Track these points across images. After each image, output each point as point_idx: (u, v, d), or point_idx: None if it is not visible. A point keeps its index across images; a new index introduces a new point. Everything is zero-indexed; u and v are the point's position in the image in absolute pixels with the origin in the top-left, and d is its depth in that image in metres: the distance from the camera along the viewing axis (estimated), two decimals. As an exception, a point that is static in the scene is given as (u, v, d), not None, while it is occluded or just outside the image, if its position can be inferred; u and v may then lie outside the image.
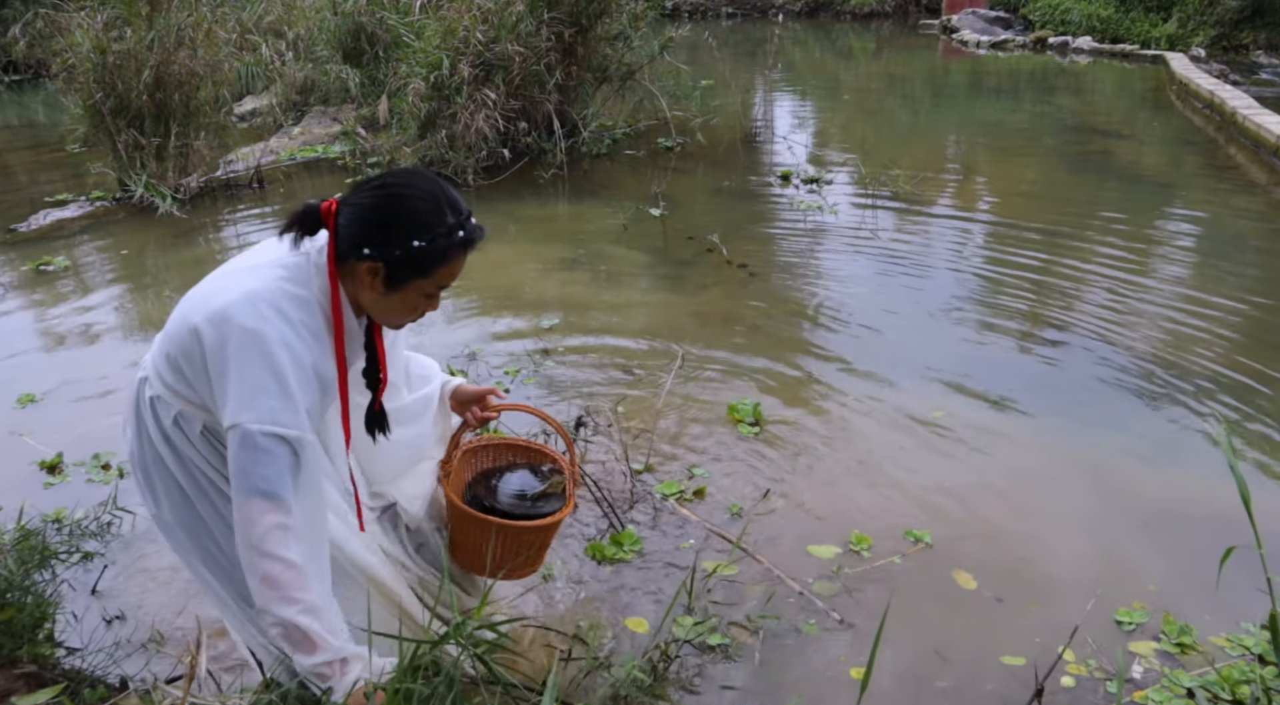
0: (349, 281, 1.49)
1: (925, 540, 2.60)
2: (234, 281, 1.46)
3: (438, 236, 1.45)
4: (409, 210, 1.44)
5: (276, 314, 1.41)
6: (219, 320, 1.41)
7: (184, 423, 1.56)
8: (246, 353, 1.39)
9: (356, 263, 1.46)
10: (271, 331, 1.40)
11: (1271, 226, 5.54)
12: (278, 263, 1.48)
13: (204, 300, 1.46)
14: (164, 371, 1.53)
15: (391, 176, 1.49)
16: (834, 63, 13.81)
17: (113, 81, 5.91)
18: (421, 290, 1.51)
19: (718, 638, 2.24)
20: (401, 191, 1.45)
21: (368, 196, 1.46)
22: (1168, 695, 2.05)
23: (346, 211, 1.46)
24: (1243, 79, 10.24)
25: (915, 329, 4.07)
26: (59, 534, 2.63)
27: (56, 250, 5.36)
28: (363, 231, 1.44)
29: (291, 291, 1.45)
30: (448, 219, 1.46)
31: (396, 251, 1.43)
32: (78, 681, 1.99)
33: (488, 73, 6.41)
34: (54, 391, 3.62)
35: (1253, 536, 2.52)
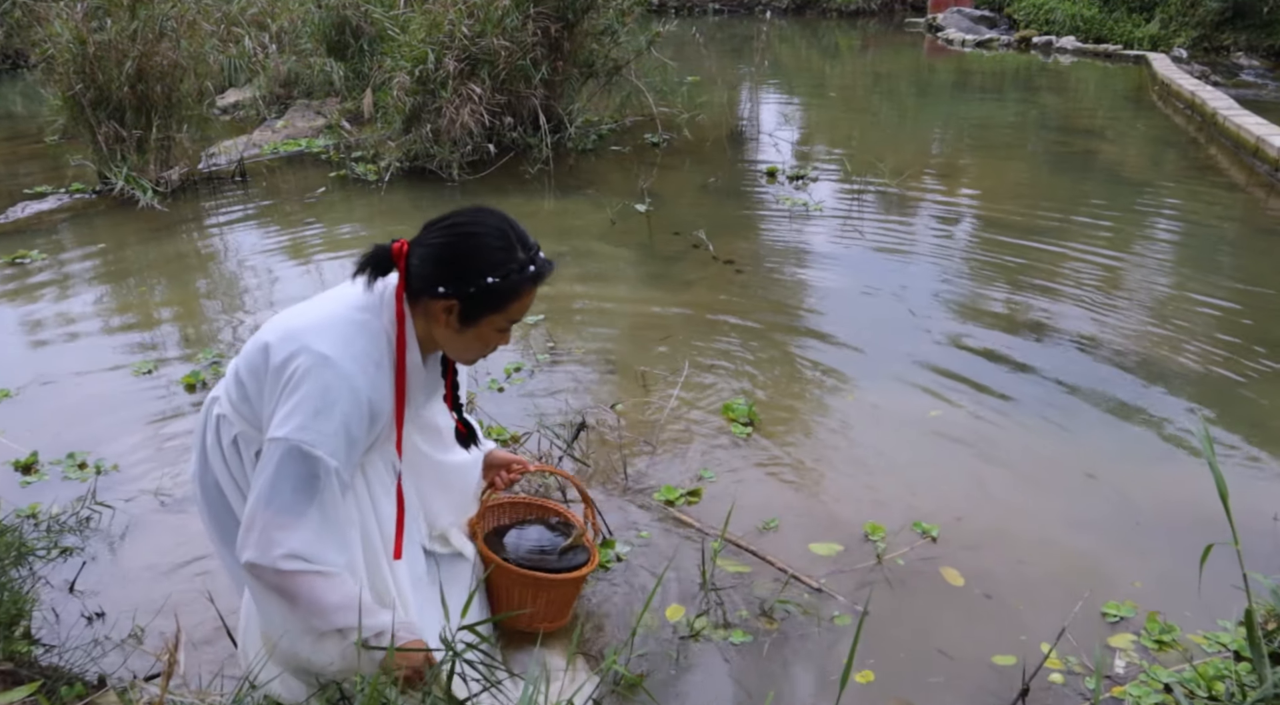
0: (421, 319, 1.56)
1: (932, 535, 2.61)
2: (312, 307, 1.58)
3: (510, 273, 1.50)
4: (481, 248, 1.49)
5: (343, 342, 1.49)
6: (288, 339, 1.50)
7: (242, 444, 1.64)
8: (304, 374, 1.46)
9: (431, 301, 1.52)
10: (335, 357, 1.47)
11: (1251, 226, 5.60)
12: (351, 296, 1.56)
13: (282, 322, 1.58)
14: (232, 390, 1.63)
15: (461, 215, 1.54)
16: (820, 60, 13.83)
17: (93, 73, 5.85)
18: (495, 325, 1.57)
19: (734, 635, 2.25)
20: (473, 230, 1.51)
21: (440, 236, 1.52)
22: (1146, 691, 2.07)
23: (419, 252, 1.51)
24: (1224, 80, 10.33)
25: (900, 327, 4.08)
26: (36, 530, 2.61)
27: (34, 243, 5.30)
28: (437, 271, 1.50)
29: (361, 320, 1.52)
30: (518, 255, 1.51)
31: (471, 289, 1.49)
32: (55, 679, 1.98)
33: (473, 67, 6.38)
34: (28, 387, 3.57)
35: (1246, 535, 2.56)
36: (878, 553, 2.56)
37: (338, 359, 1.46)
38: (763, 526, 2.65)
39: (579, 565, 2.04)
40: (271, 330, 1.56)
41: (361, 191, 6.32)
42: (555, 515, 2.24)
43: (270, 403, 1.50)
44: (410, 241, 1.54)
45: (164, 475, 2.97)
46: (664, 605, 2.35)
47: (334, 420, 1.45)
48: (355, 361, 1.48)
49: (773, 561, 2.51)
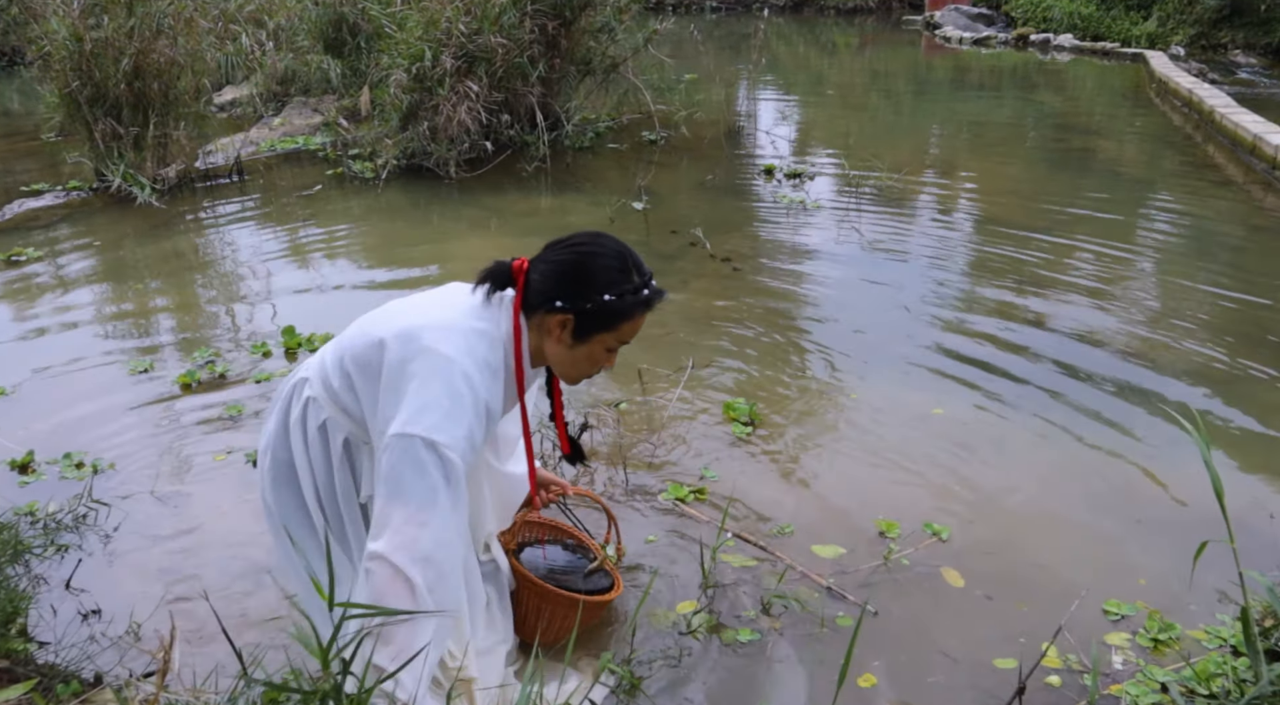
0: (534, 333, 1.62)
1: (941, 536, 2.60)
2: (427, 309, 1.60)
3: (625, 293, 1.57)
4: (600, 268, 1.57)
5: (464, 344, 1.52)
6: (408, 338, 1.52)
7: (330, 430, 1.68)
8: (429, 373, 1.48)
9: (547, 315, 1.58)
10: (456, 358, 1.50)
11: (1248, 223, 5.60)
12: (468, 305, 1.60)
13: (393, 318, 1.59)
14: (331, 377, 1.64)
15: (582, 237, 1.62)
16: (817, 58, 13.83)
17: (90, 70, 5.84)
18: (604, 344, 1.62)
19: (741, 633, 2.25)
20: (593, 250, 1.58)
21: (562, 254, 1.59)
22: (1143, 690, 2.07)
23: (540, 268, 1.59)
24: (1221, 78, 10.34)
25: (898, 324, 4.08)
26: (33, 528, 2.60)
27: (30, 240, 5.29)
28: (557, 286, 1.57)
29: (479, 327, 1.56)
30: (634, 278, 1.58)
31: (588, 305, 1.55)
32: (51, 677, 1.97)
33: (470, 64, 6.37)
34: (24, 385, 3.57)
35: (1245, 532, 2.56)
36: (884, 553, 2.56)
37: (462, 362, 1.50)
38: (777, 532, 2.63)
39: (603, 588, 2.12)
40: (386, 326, 1.57)
41: (358, 189, 6.31)
42: (570, 538, 2.31)
43: (386, 398, 1.51)
44: (531, 260, 1.61)
45: (161, 474, 2.96)
46: (674, 603, 2.34)
47: (463, 423, 1.49)
48: (476, 366, 1.52)
49: (781, 556, 2.51)
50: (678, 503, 2.76)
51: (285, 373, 3.64)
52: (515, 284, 1.60)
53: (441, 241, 5.32)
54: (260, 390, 3.50)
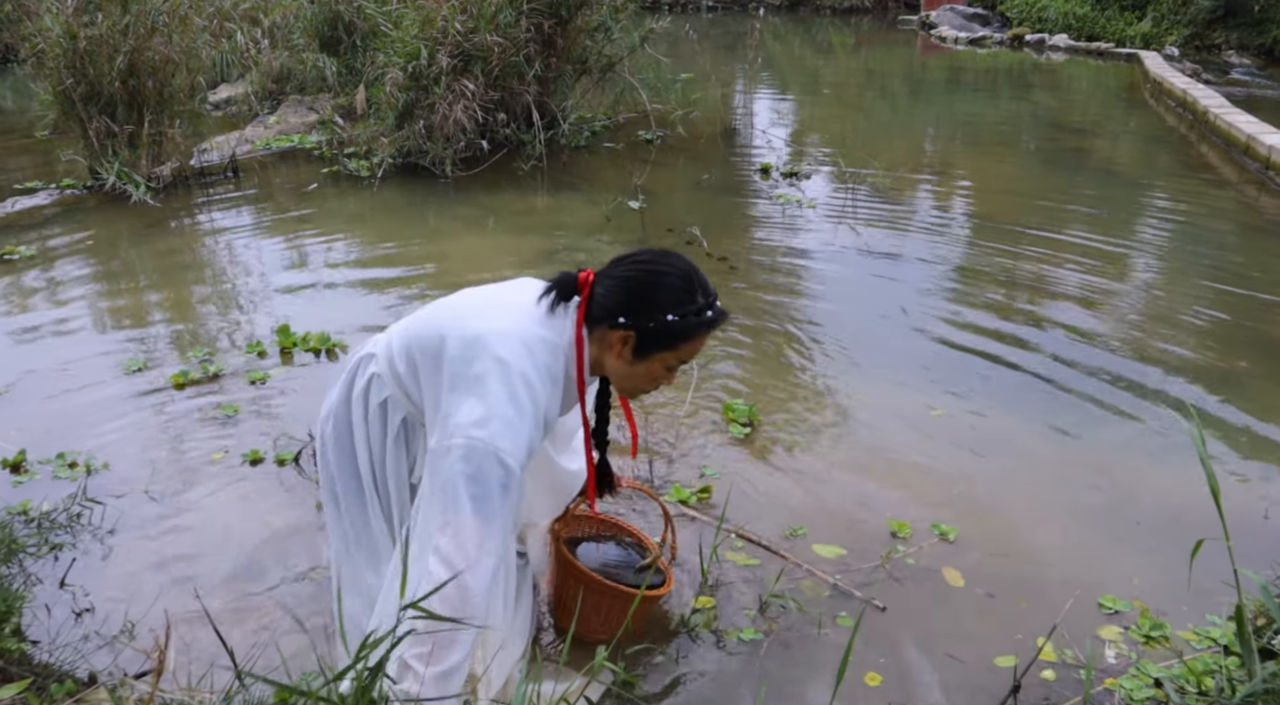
0: (595, 345, 1.63)
1: (949, 537, 2.60)
2: (493, 311, 1.60)
3: (689, 314, 1.58)
4: (666, 287, 1.58)
5: (526, 352, 1.52)
6: (472, 340, 1.53)
7: (390, 408, 1.70)
8: (493, 379, 1.49)
9: (609, 330, 1.60)
10: (518, 366, 1.50)
11: (1242, 223, 5.62)
12: (532, 311, 1.60)
13: (459, 315, 1.60)
14: (396, 359, 1.67)
15: (649, 254, 1.64)
16: (813, 57, 13.84)
17: (84, 67, 5.82)
18: (664, 362, 1.62)
19: (744, 632, 2.25)
20: (660, 269, 1.60)
21: (628, 270, 1.61)
22: (1138, 685, 2.08)
23: (605, 283, 1.60)
24: (1215, 78, 10.36)
25: (895, 325, 4.09)
26: (26, 527, 2.60)
27: (23, 239, 5.28)
28: (621, 302, 1.58)
29: (543, 335, 1.57)
30: (698, 299, 1.59)
31: (650, 323, 1.56)
32: (45, 676, 1.97)
33: (466, 63, 6.37)
34: (16, 385, 3.55)
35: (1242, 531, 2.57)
36: (885, 553, 2.56)
37: (524, 369, 1.51)
38: (789, 533, 2.63)
39: (654, 585, 2.12)
40: (454, 323, 1.58)
41: (354, 187, 6.30)
42: (629, 535, 2.30)
43: (449, 397, 1.52)
44: (597, 273, 1.62)
45: (155, 473, 2.95)
46: (674, 601, 2.34)
47: (523, 431, 1.50)
48: (537, 374, 1.53)
49: (786, 556, 2.51)
50: (685, 504, 2.76)
51: (281, 372, 3.64)
52: (580, 294, 1.61)
53: (437, 240, 5.32)
54: (255, 390, 3.50)
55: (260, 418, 3.30)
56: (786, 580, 2.43)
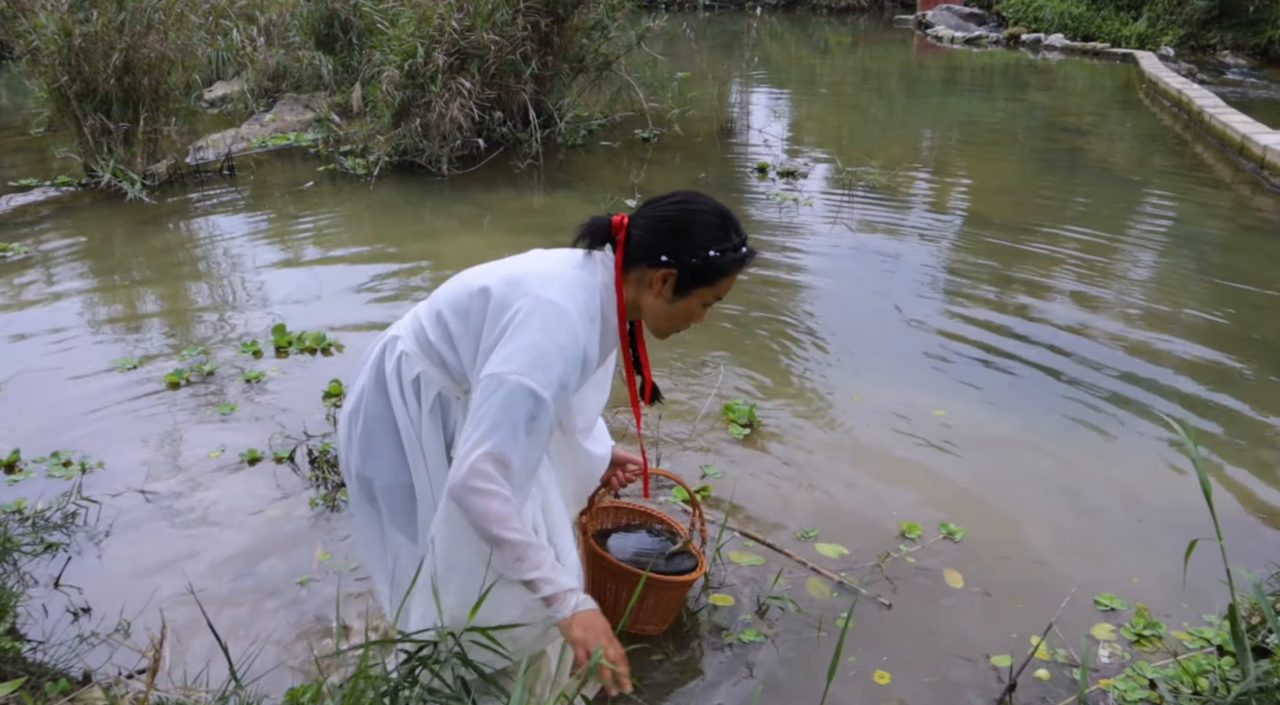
0: (632, 287, 1.65)
1: (955, 536, 2.61)
2: (529, 262, 1.66)
3: (727, 250, 1.61)
4: (703, 224, 1.61)
5: (566, 292, 1.57)
6: (513, 283, 1.57)
7: (423, 385, 1.68)
8: (532, 316, 1.52)
9: (649, 269, 1.62)
10: (558, 302, 1.55)
11: (1236, 223, 5.63)
12: (568, 257, 1.66)
13: (495, 269, 1.64)
14: (427, 328, 1.66)
15: (683, 194, 1.66)
16: (810, 56, 13.84)
17: (79, 65, 5.80)
18: (701, 298, 1.65)
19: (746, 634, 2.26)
20: (698, 207, 1.63)
21: (664, 210, 1.63)
22: (1132, 685, 2.08)
23: (641, 223, 1.63)
24: (1210, 78, 10.39)
25: (892, 323, 4.09)
26: (21, 526, 2.59)
27: (17, 236, 5.26)
28: (662, 241, 1.60)
29: (580, 277, 1.61)
30: (733, 236, 1.62)
31: (693, 260, 1.59)
32: (40, 675, 1.97)
33: (463, 61, 6.36)
34: (9, 383, 3.54)
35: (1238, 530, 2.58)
36: (880, 555, 2.56)
37: (565, 307, 1.54)
38: (800, 535, 2.62)
39: (686, 570, 2.08)
40: (489, 276, 1.61)
41: (350, 185, 6.29)
42: (659, 522, 2.25)
43: (487, 339, 1.56)
44: (630, 215, 1.65)
45: (151, 472, 2.95)
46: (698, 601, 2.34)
47: (557, 365, 1.52)
48: (578, 312, 1.56)
49: (791, 554, 2.52)
50: (684, 504, 2.76)
51: (277, 371, 3.63)
52: (615, 239, 1.64)
53: (433, 239, 5.31)
54: (251, 388, 3.49)
55: (255, 416, 3.29)
56: (788, 580, 2.43)
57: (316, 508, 2.76)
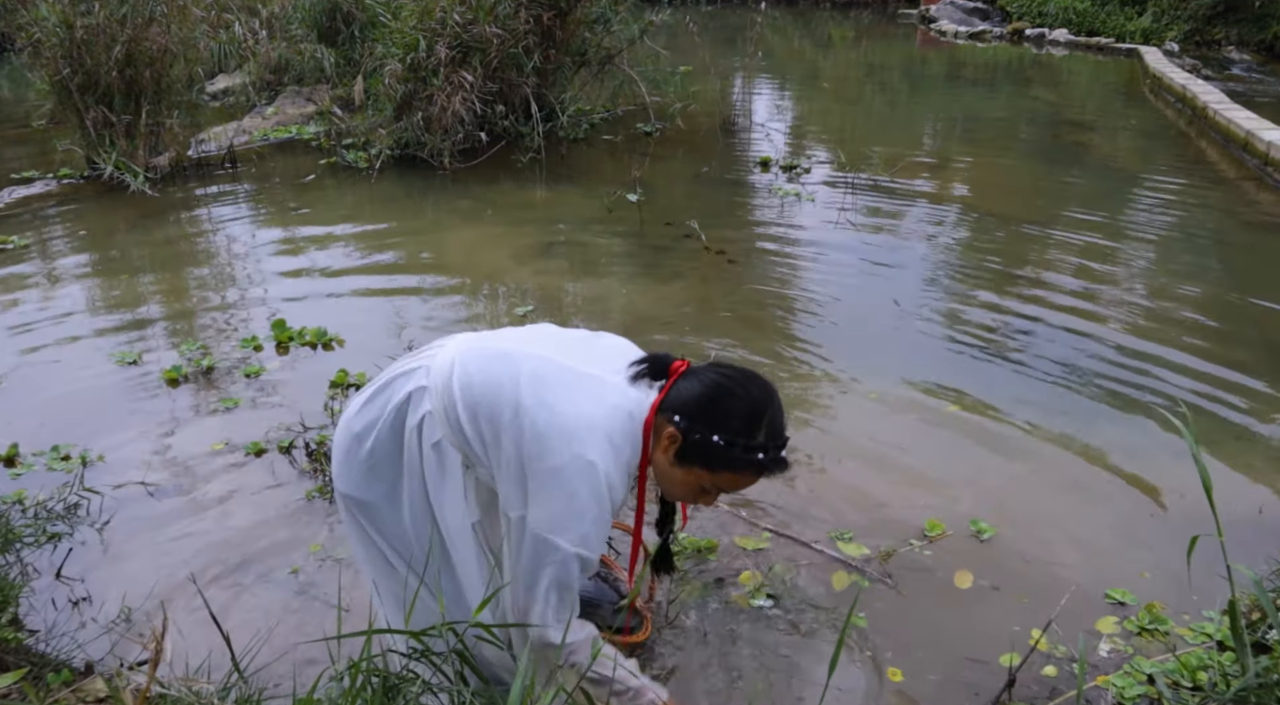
0: (655, 435, 1.58)
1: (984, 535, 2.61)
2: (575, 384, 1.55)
3: (736, 446, 1.50)
4: (726, 408, 1.51)
5: (611, 449, 1.52)
6: (560, 434, 1.49)
7: (444, 448, 1.66)
8: (578, 479, 1.49)
9: (666, 423, 1.55)
10: (603, 467, 1.50)
11: (1240, 220, 5.62)
12: (625, 389, 1.58)
13: (538, 382, 1.54)
14: (459, 408, 1.60)
15: (738, 371, 1.58)
16: (813, 51, 13.81)
17: (80, 57, 5.79)
18: (699, 480, 1.56)
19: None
20: (733, 389, 1.53)
21: (709, 376, 1.56)
22: (1130, 681, 2.08)
23: (689, 380, 1.56)
24: (1215, 74, 10.35)
25: (897, 320, 4.09)
26: (23, 516, 2.60)
27: (19, 229, 5.26)
28: (683, 402, 1.54)
29: (625, 426, 1.55)
30: (757, 437, 1.51)
31: (696, 435, 1.51)
32: (42, 665, 1.98)
33: (465, 55, 6.35)
34: (8, 377, 3.54)
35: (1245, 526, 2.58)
36: (884, 550, 2.57)
37: (607, 470, 1.51)
38: (835, 536, 2.61)
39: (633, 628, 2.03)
40: (528, 389, 1.54)
41: (352, 179, 6.29)
42: (606, 568, 2.21)
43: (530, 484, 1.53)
44: (690, 366, 1.59)
45: (152, 464, 2.95)
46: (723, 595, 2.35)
47: (603, 529, 1.55)
48: (619, 472, 1.53)
49: (795, 537, 2.53)
50: None
51: (277, 366, 3.63)
52: (666, 380, 1.58)
53: (435, 232, 5.31)
54: (250, 383, 3.50)
55: (255, 410, 3.29)
56: (793, 570, 2.43)
57: (313, 499, 2.77)
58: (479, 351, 1.65)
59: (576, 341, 1.69)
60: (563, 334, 1.72)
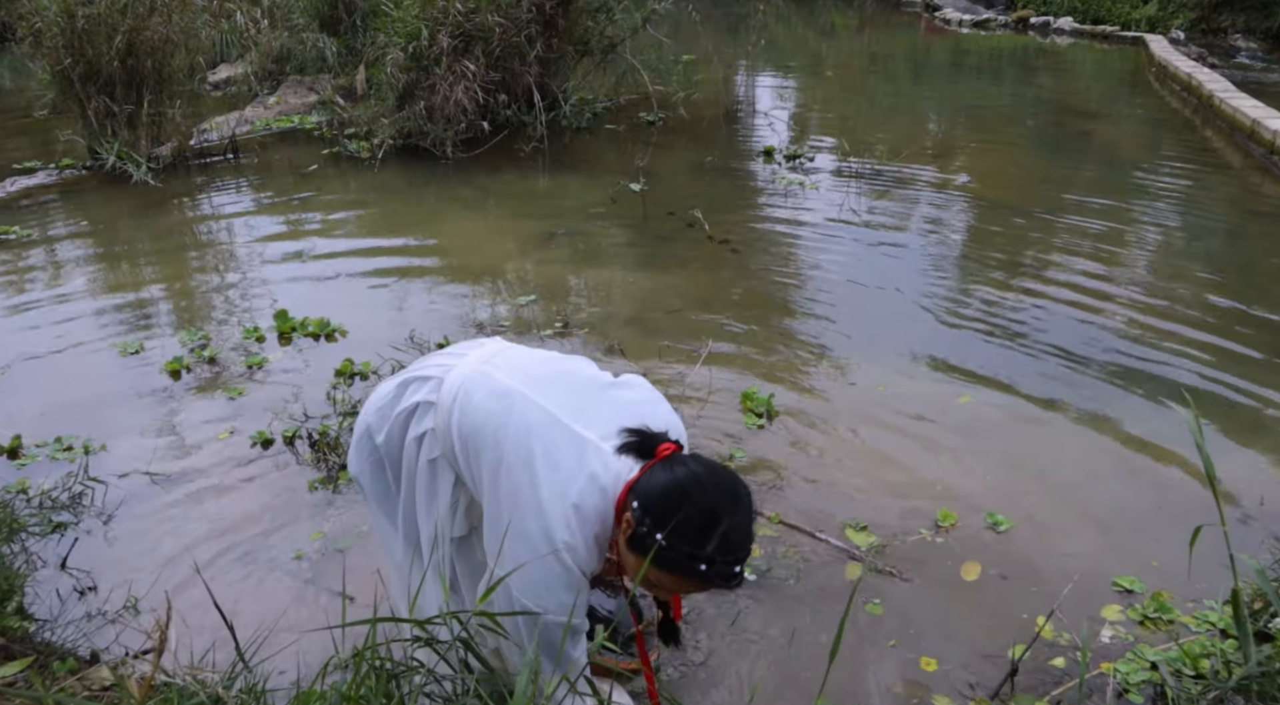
0: (620, 514, 1.51)
1: (1000, 527, 2.61)
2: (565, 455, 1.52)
3: (678, 550, 1.42)
4: (684, 511, 1.42)
5: (579, 522, 1.49)
6: (531, 502, 1.49)
7: (437, 469, 1.70)
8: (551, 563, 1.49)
9: (627, 507, 1.48)
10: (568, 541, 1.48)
11: (1245, 209, 5.60)
12: (609, 459, 1.52)
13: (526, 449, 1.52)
14: (454, 434, 1.63)
15: (708, 473, 1.47)
16: (816, 39, 13.75)
17: (82, 47, 5.78)
18: (647, 572, 1.47)
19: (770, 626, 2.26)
20: (692, 492, 1.43)
21: (679, 470, 1.46)
22: (1134, 668, 2.09)
23: (664, 466, 1.47)
24: (1220, 62, 10.29)
25: (898, 309, 4.08)
26: (28, 506, 2.60)
27: (21, 219, 5.26)
28: (645, 492, 1.45)
29: (597, 502, 1.50)
30: (706, 547, 1.41)
31: (642, 528, 1.44)
32: (47, 654, 1.98)
33: (467, 44, 6.32)
34: (11, 367, 3.55)
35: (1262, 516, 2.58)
36: (878, 543, 2.57)
37: (571, 545, 1.49)
38: (851, 524, 2.61)
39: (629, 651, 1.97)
40: (513, 439, 1.53)
41: (354, 169, 6.28)
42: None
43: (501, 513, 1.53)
44: (675, 453, 1.51)
45: (156, 454, 2.96)
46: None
47: (575, 597, 1.53)
48: (584, 546, 1.51)
49: (800, 527, 2.53)
50: None
51: (280, 357, 3.63)
52: (647, 460, 1.50)
53: (437, 222, 5.30)
54: (253, 374, 3.50)
55: (258, 401, 3.30)
56: (806, 559, 2.43)
57: (316, 490, 2.77)
58: (484, 383, 1.64)
59: (588, 389, 1.64)
60: (576, 376, 1.67)
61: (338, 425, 3.01)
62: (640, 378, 1.72)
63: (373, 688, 1.39)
